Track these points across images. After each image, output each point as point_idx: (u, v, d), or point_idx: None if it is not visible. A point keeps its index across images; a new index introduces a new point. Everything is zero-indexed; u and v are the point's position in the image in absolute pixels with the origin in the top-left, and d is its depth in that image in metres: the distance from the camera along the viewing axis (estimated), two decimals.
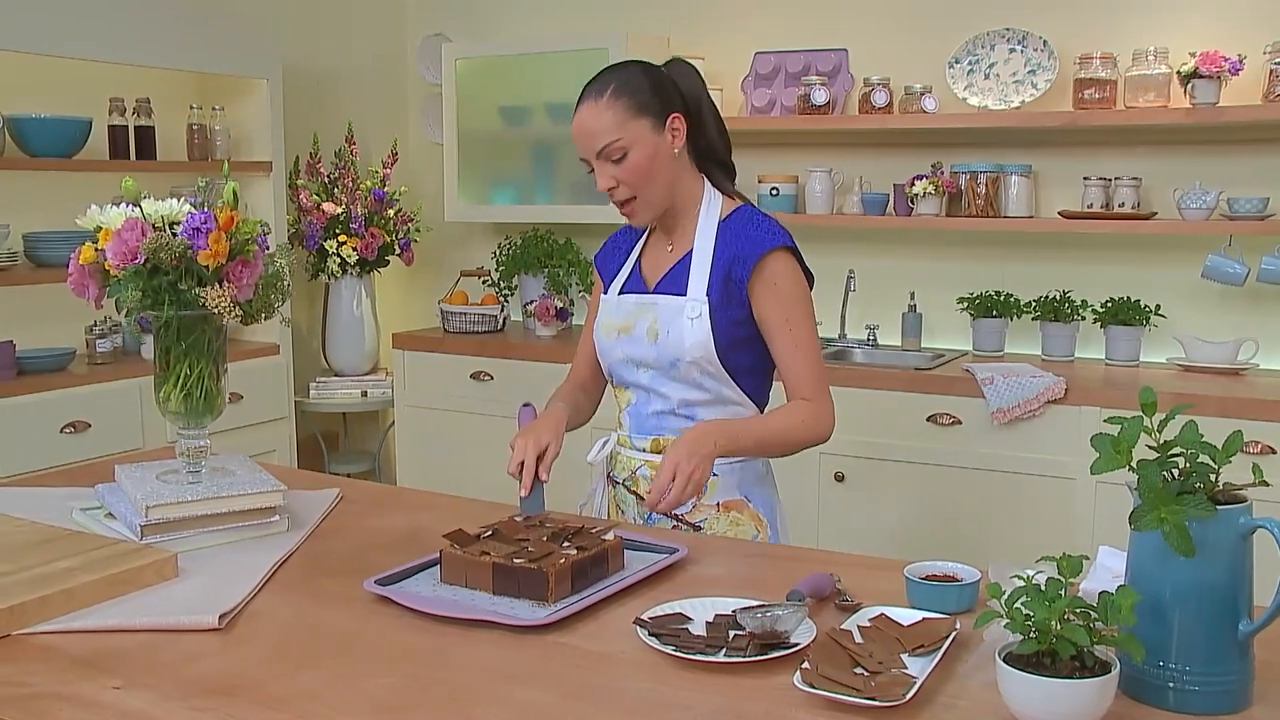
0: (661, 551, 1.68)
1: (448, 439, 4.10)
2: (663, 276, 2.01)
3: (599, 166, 1.93)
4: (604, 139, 1.90)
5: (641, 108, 1.90)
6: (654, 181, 1.93)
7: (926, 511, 3.32)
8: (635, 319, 2.00)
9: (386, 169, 4.33)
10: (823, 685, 1.21)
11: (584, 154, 1.95)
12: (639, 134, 1.90)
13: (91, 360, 3.56)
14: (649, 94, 1.91)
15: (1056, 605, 1.12)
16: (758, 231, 1.95)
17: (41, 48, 3.29)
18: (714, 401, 1.96)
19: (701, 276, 1.94)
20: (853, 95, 3.81)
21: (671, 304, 1.96)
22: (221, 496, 1.73)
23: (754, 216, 1.98)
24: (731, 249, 1.94)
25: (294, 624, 1.45)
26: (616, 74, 1.94)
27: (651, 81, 1.93)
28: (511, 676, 1.29)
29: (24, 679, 1.28)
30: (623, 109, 1.89)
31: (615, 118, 1.89)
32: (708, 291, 1.93)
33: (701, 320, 1.92)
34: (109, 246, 1.66)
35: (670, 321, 1.95)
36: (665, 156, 1.93)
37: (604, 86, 1.92)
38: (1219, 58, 3.17)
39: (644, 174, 1.91)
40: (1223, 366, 3.32)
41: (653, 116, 1.91)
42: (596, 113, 1.90)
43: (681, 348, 1.92)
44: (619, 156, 1.90)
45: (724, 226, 1.97)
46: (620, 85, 1.91)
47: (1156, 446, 1.21)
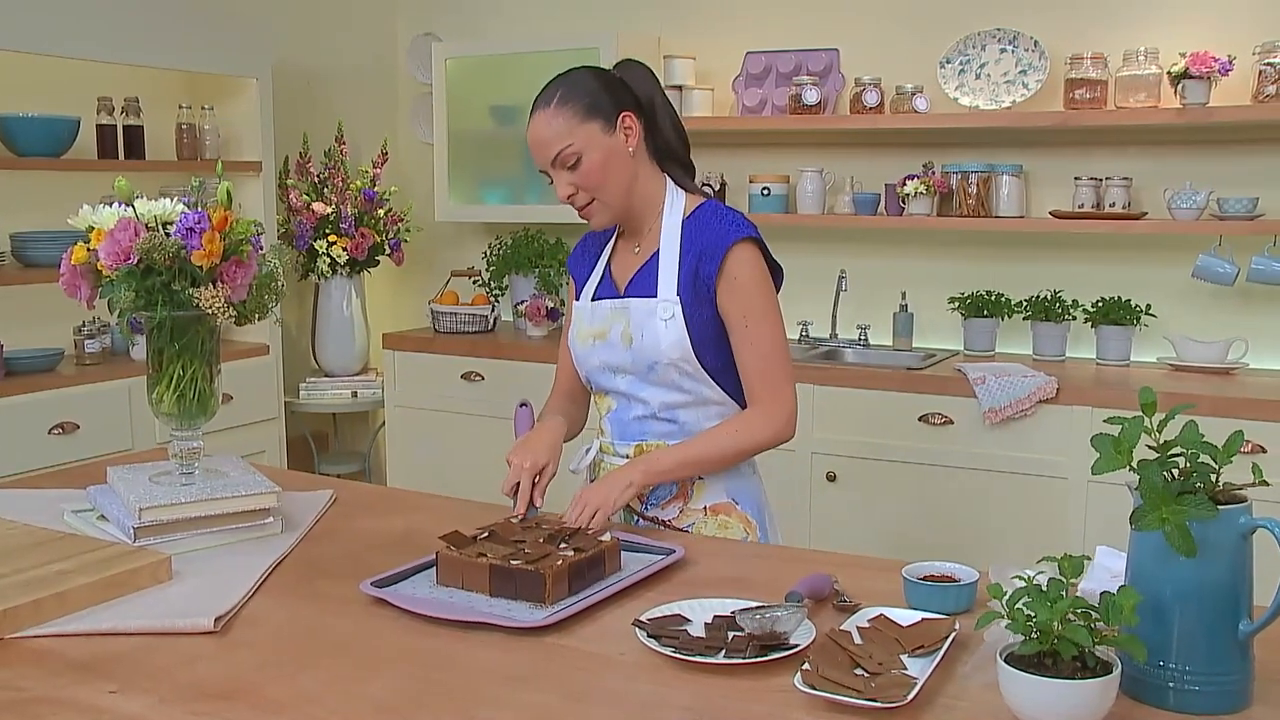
0: (658, 553, 1.68)
1: (438, 439, 4.09)
2: (631, 278, 1.99)
3: (556, 175, 1.91)
4: (556, 146, 1.87)
5: (590, 110, 1.87)
6: (610, 182, 1.90)
7: (918, 511, 3.33)
8: (609, 324, 1.97)
9: (377, 169, 4.32)
10: (823, 686, 1.21)
11: (541, 165, 1.93)
12: (590, 137, 1.87)
13: (80, 361, 3.53)
14: (596, 95, 1.88)
15: (1059, 606, 1.12)
16: (721, 224, 1.92)
17: (29, 46, 3.26)
18: (695, 403, 1.93)
19: (670, 276, 1.92)
20: (844, 95, 3.81)
21: (643, 306, 1.93)
22: (215, 498, 1.72)
23: (717, 210, 1.96)
24: (697, 244, 1.92)
25: (291, 626, 1.44)
26: (562, 81, 1.91)
27: (599, 83, 1.91)
28: (512, 678, 1.28)
29: (18, 683, 1.27)
30: (571, 114, 1.87)
31: (564, 123, 1.86)
32: (678, 291, 1.91)
33: (675, 321, 1.89)
34: (102, 246, 1.65)
35: (644, 324, 1.92)
36: (620, 157, 1.90)
37: (551, 95, 1.89)
38: (1209, 58, 3.18)
39: (599, 176, 1.89)
40: (1213, 366, 3.33)
41: (602, 118, 1.88)
42: (546, 121, 1.88)
43: (658, 350, 1.90)
44: (573, 162, 1.87)
45: (688, 223, 1.95)
46: (567, 91, 1.88)
47: (1156, 446, 1.21)
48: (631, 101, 1.92)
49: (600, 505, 1.78)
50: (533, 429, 1.98)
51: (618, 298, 1.99)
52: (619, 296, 1.99)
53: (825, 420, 3.40)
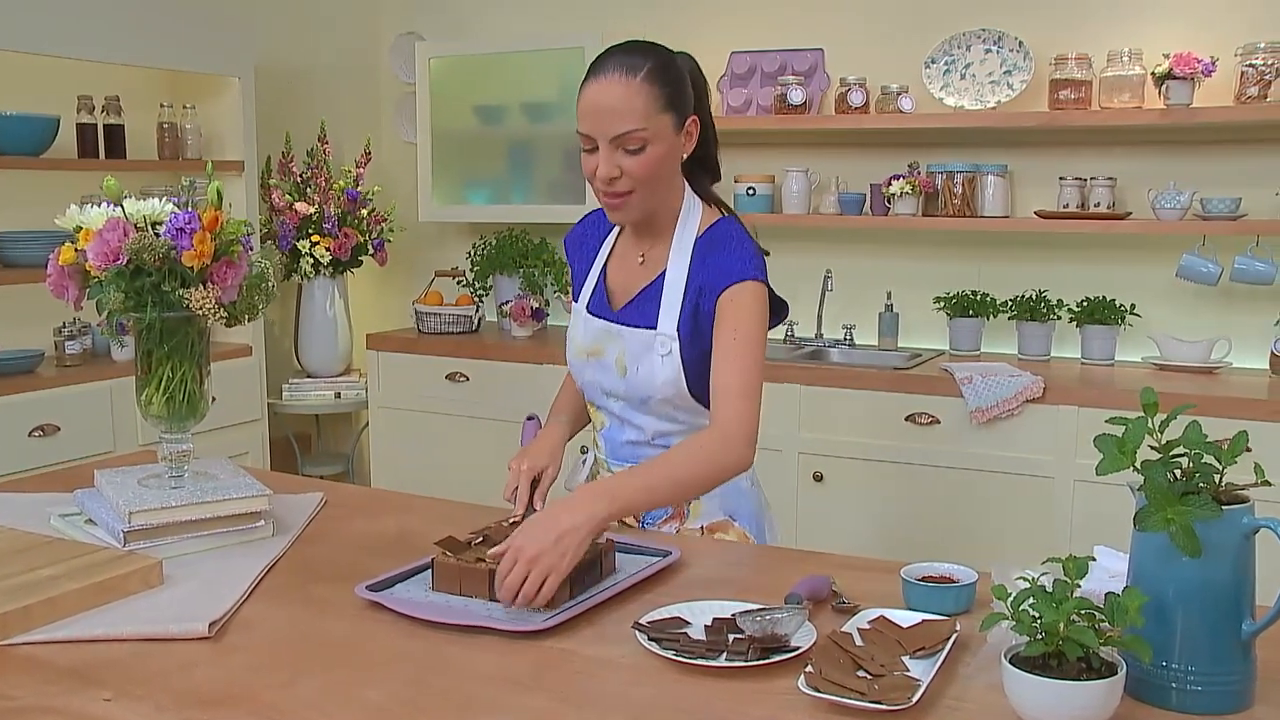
0: (654, 554, 1.67)
1: (423, 440, 4.07)
2: (631, 299, 1.88)
3: (606, 151, 1.73)
4: (628, 124, 1.71)
5: (671, 102, 1.74)
6: (659, 182, 1.78)
7: (905, 511, 3.33)
8: (603, 344, 1.88)
9: (360, 168, 4.29)
10: (827, 689, 1.20)
11: (592, 131, 1.73)
12: (662, 129, 1.73)
13: (61, 362, 3.50)
14: (681, 87, 1.76)
15: (1064, 607, 1.11)
16: (729, 261, 1.79)
17: (8, 44, 3.22)
18: (689, 430, 1.85)
19: (672, 311, 1.81)
20: (829, 95, 3.81)
21: (639, 337, 1.83)
22: (206, 502, 1.70)
23: (729, 238, 1.82)
24: (701, 277, 1.80)
25: (285, 631, 1.43)
26: (650, 55, 1.75)
27: (684, 75, 1.78)
28: (511, 683, 1.27)
29: (9, 692, 1.25)
30: (656, 96, 1.72)
31: (646, 104, 1.71)
32: (677, 327, 1.80)
33: (671, 357, 1.80)
34: (90, 247, 1.63)
35: (639, 356, 1.83)
36: (675, 159, 1.79)
37: (638, 65, 1.72)
38: (1193, 59, 3.20)
39: (654, 172, 1.75)
40: (1197, 365, 3.35)
41: (677, 114, 1.76)
42: (628, 93, 1.70)
43: (652, 385, 1.82)
44: (636, 147, 1.72)
45: (701, 244, 1.83)
46: (657, 69, 1.73)
47: (1158, 447, 1.20)
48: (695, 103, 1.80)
49: (550, 570, 1.44)
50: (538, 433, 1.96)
51: (613, 321, 1.88)
52: (614, 318, 1.88)
53: (812, 420, 3.40)
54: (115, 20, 3.49)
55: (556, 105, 4.05)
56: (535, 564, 1.44)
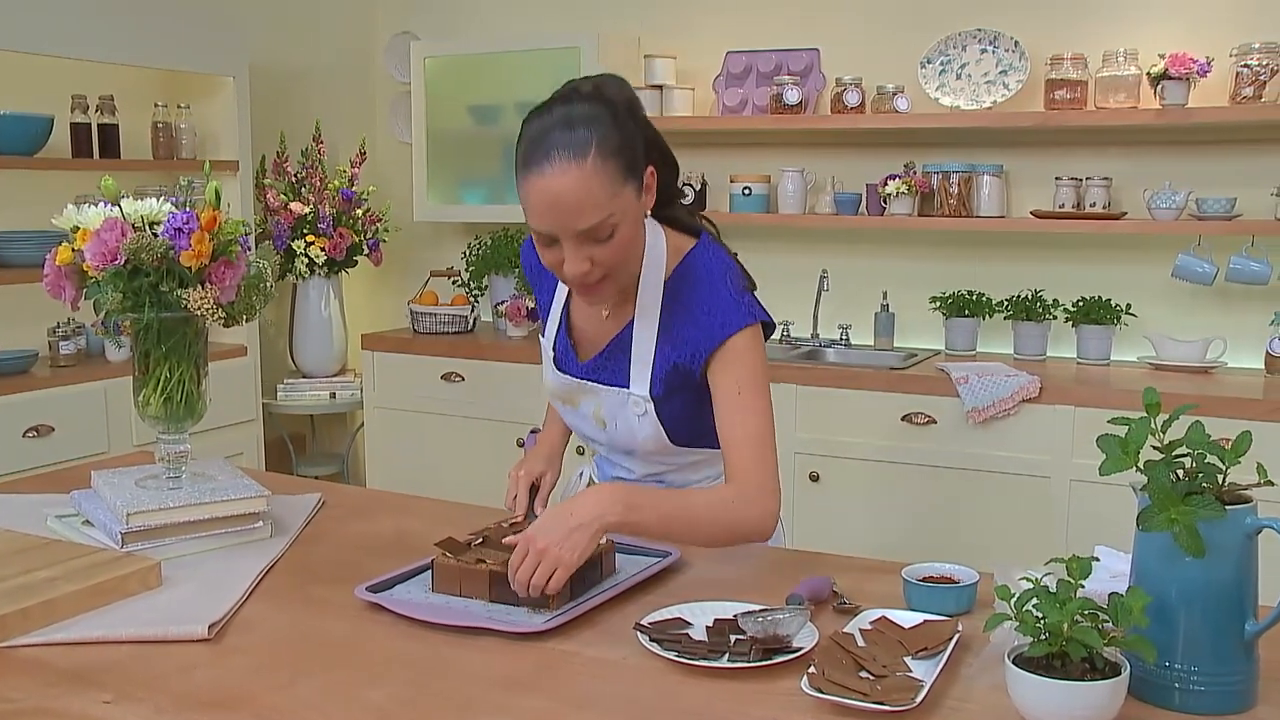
0: (653, 555, 1.67)
1: (418, 441, 4.06)
2: (600, 351, 1.74)
3: (573, 247, 1.52)
4: (592, 217, 1.49)
5: (628, 169, 1.53)
6: (633, 255, 1.60)
7: (902, 511, 3.33)
8: (577, 396, 1.78)
9: (355, 168, 4.28)
10: (831, 690, 1.20)
11: (551, 230, 1.51)
12: (627, 204, 1.53)
13: (54, 363, 3.48)
14: (630, 145, 1.54)
15: (1069, 607, 1.11)
16: (711, 317, 1.63)
17: (1, 43, 3.21)
18: (682, 468, 1.79)
19: (644, 371, 1.67)
20: (824, 95, 3.81)
21: (613, 396, 1.72)
22: (204, 503, 1.69)
23: (705, 283, 1.65)
24: (681, 333, 1.65)
25: (285, 633, 1.42)
26: (591, 122, 1.50)
27: (626, 129, 1.54)
28: (514, 685, 1.27)
29: (8, 694, 1.24)
30: (612, 175, 1.50)
31: (605, 188, 1.49)
32: (650, 390, 1.68)
33: (648, 417, 1.70)
34: (88, 247, 1.62)
35: (615, 413, 1.73)
36: (642, 222, 1.60)
37: (583, 141, 1.48)
38: (1188, 59, 3.21)
39: (628, 250, 1.56)
40: (1192, 365, 3.35)
41: (635, 178, 1.54)
42: (583, 182, 1.47)
43: (633, 440, 1.73)
44: (606, 235, 1.52)
45: (671, 290, 1.66)
46: (604, 139, 1.49)
47: (1161, 447, 1.20)
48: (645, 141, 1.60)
49: (559, 563, 1.42)
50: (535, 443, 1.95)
51: (582, 378, 1.76)
52: (583, 374, 1.76)
53: (808, 420, 3.40)
54: (109, 20, 3.47)
55: None
56: (544, 555, 1.42)
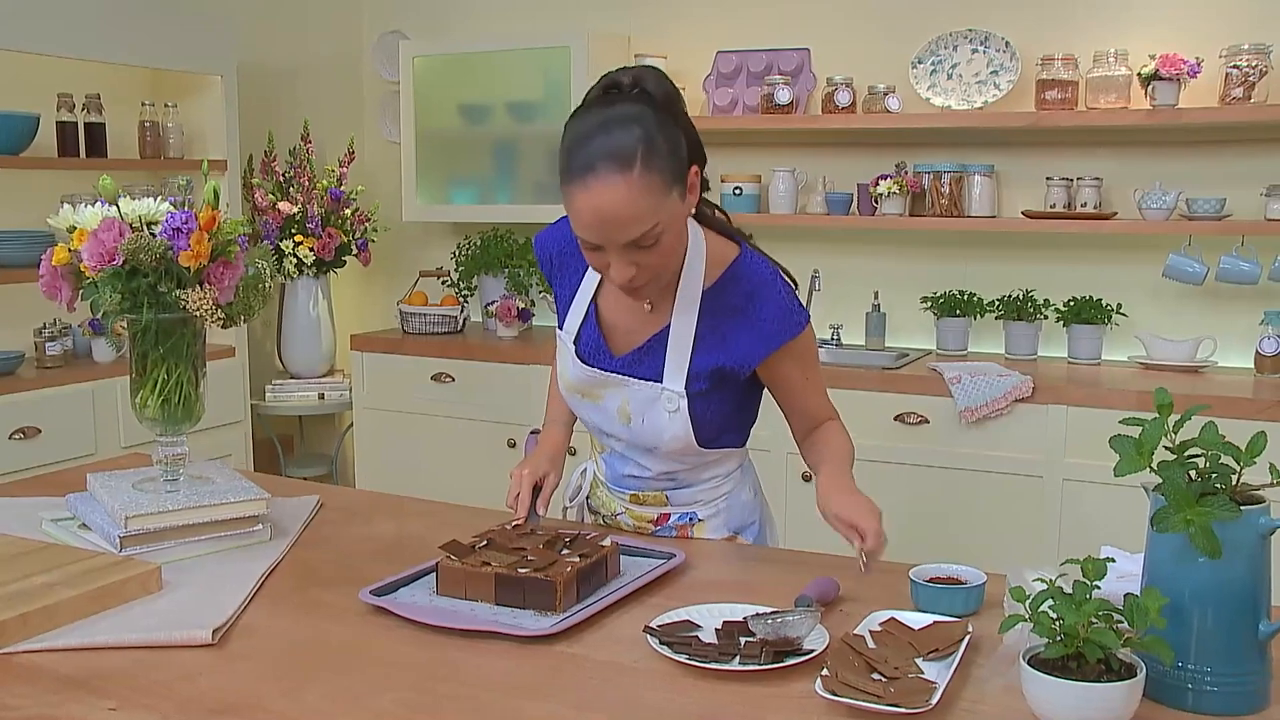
0: (657, 557, 1.66)
1: (408, 441, 4.04)
2: (637, 347, 1.72)
3: (618, 255, 1.52)
4: (639, 228, 1.48)
5: (673, 175, 1.50)
6: (678, 257, 1.60)
7: (895, 510, 3.28)
8: (601, 390, 1.75)
9: (343, 168, 4.25)
10: (844, 693, 1.19)
11: (598, 241, 1.50)
12: (673, 211, 1.52)
13: (41, 364, 3.45)
14: (677, 150, 1.52)
15: (1085, 608, 1.11)
16: (770, 323, 1.65)
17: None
18: (696, 467, 1.79)
19: (680, 366, 1.66)
20: (815, 95, 3.81)
21: (644, 390, 1.70)
22: (203, 505, 1.68)
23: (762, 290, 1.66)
24: (734, 339, 1.66)
25: (289, 638, 1.40)
26: (635, 124, 1.48)
27: (669, 131, 1.52)
28: (523, 688, 1.25)
29: (10, 701, 1.22)
30: (659, 184, 1.48)
31: (652, 199, 1.47)
32: (687, 385, 1.67)
33: (680, 414, 1.68)
34: (85, 247, 1.60)
35: (645, 409, 1.70)
36: (685, 221, 1.60)
37: (629, 150, 1.46)
38: (1178, 60, 3.22)
39: (673, 256, 1.57)
40: (1182, 364, 3.36)
41: (681, 182, 1.53)
42: (630, 195, 1.45)
43: (659, 438, 1.71)
44: (651, 243, 1.51)
45: (719, 296, 1.66)
46: (649, 146, 1.47)
47: (1173, 447, 1.20)
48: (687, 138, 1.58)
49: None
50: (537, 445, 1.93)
51: (613, 371, 1.73)
52: (615, 368, 1.73)
53: None
54: (96, 17, 3.44)
55: (541, 104, 4.02)
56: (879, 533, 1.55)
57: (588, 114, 1.53)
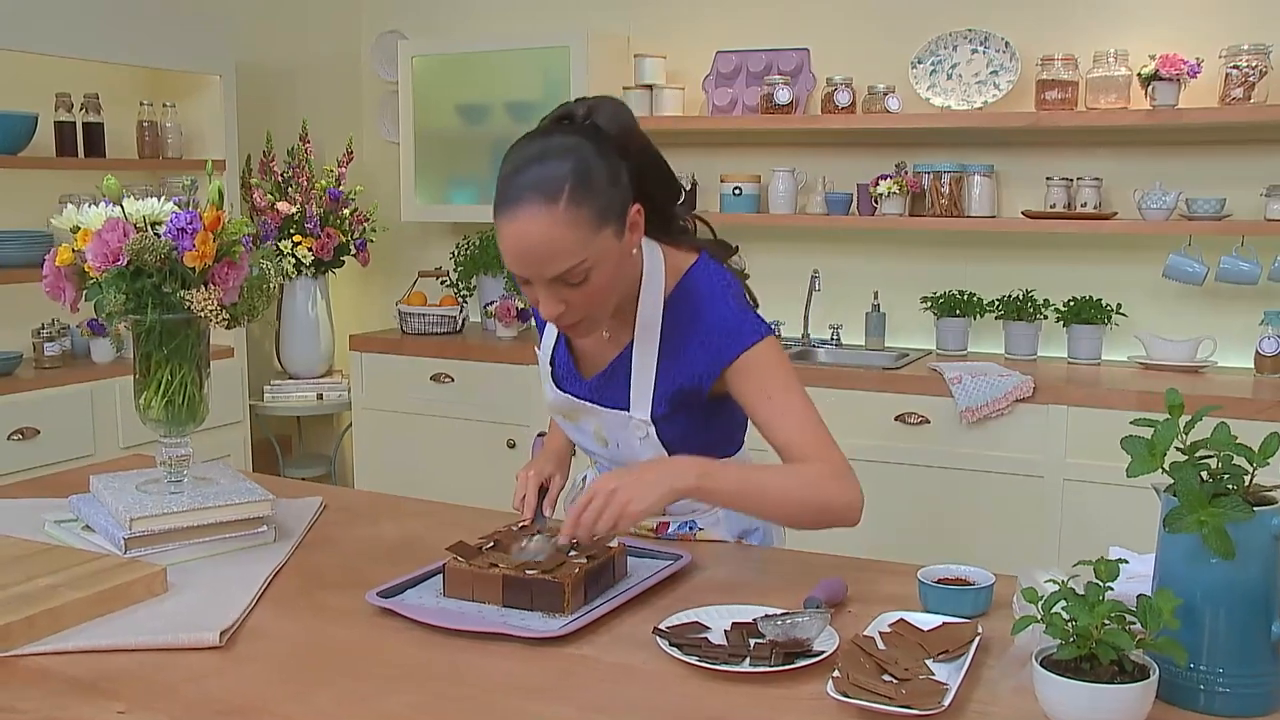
0: (663, 558, 1.65)
1: (407, 442, 4.03)
2: (603, 370, 1.70)
3: (545, 291, 1.48)
4: (564, 263, 1.44)
5: (606, 211, 1.46)
6: (612, 295, 1.54)
7: (895, 511, 3.32)
8: (577, 414, 1.74)
9: (342, 168, 4.24)
10: (857, 694, 1.19)
11: (523, 273, 1.47)
12: (605, 248, 1.46)
13: (39, 364, 3.44)
14: (611, 186, 1.47)
15: (1098, 610, 1.11)
16: (718, 334, 1.59)
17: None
18: None
19: (644, 394, 1.63)
20: (815, 95, 3.81)
21: (615, 418, 1.68)
22: (208, 507, 1.67)
23: (707, 301, 1.60)
24: (686, 355, 1.61)
25: (297, 640, 1.40)
26: (567, 156, 1.44)
27: (608, 164, 1.47)
28: (533, 691, 1.25)
29: (17, 705, 1.21)
30: (587, 219, 1.43)
31: (577, 234, 1.43)
32: (652, 412, 1.64)
33: (650, 440, 1.66)
34: (89, 248, 1.59)
35: (617, 433, 1.69)
36: (625, 260, 1.53)
37: (556, 183, 1.42)
38: (1178, 61, 3.22)
39: (605, 294, 1.51)
40: (1182, 364, 3.37)
41: (616, 220, 1.48)
42: (552, 228, 1.41)
43: (635, 459, 1.68)
44: (579, 280, 1.47)
45: (671, 311, 1.62)
46: (579, 182, 1.43)
47: (1184, 448, 1.20)
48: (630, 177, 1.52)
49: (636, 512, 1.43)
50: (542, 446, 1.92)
51: (583, 399, 1.72)
52: (584, 394, 1.72)
53: None
54: (94, 17, 3.43)
55: (540, 104, 4.00)
56: (613, 498, 1.42)
57: (528, 143, 1.50)
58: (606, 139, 1.50)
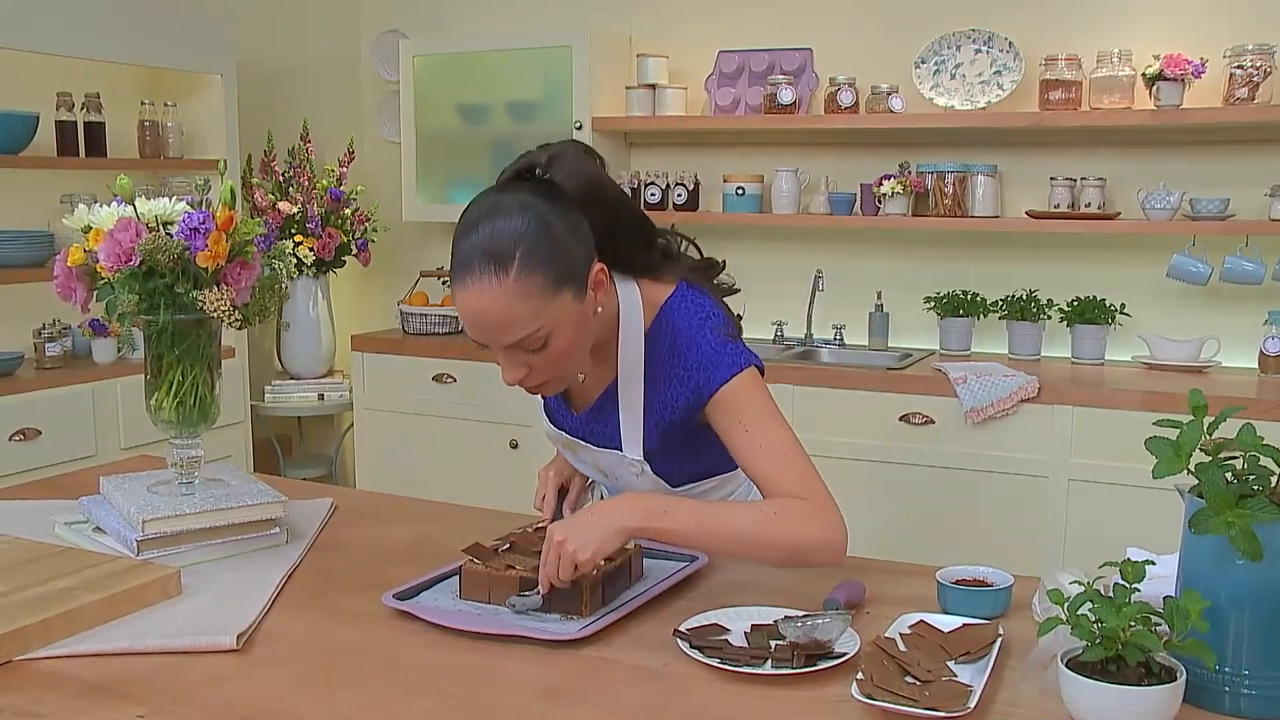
0: (680, 559, 1.65)
1: (409, 442, 4.02)
2: (592, 404, 1.68)
3: (505, 357, 1.46)
4: (518, 332, 1.41)
5: (562, 277, 1.41)
6: (577, 357, 1.52)
7: (900, 511, 3.33)
8: (574, 448, 1.73)
9: (343, 167, 4.23)
10: (882, 696, 1.18)
11: (479, 340, 1.45)
12: (562, 312, 1.43)
13: (40, 365, 3.42)
14: (567, 250, 1.42)
15: (1126, 611, 1.10)
16: (696, 369, 1.55)
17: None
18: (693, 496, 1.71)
19: (635, 434, 1.62)
20: (818, 95, 3.80)
21: (609, 456, 1.67)
22: (220, 509, 1.66)
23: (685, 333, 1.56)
24: (668, 392, 1.58)
25: (314, 643, 1.39)
26: (515, 223, 1.39)
27: (564, 225, 1.42)
28: (557, 694, 1.24)
29: (35, 709, 1.20)
30: (539, 288, 1.39)
31: (530, 304, 1.39)
32: (645, 449, 1.62)
33: (646, 475, 1.65)
34: (101, 248, 1.58)
35: (613, 469, 1.68)
36: (588, 320, 1.49)
37: (505, 255, 1.37)
38: (1183, 61, 3.22)
39: (568, 356, 1.48)
40: (1186, 364, 3.37)
41: (574, 283, 1.43)
42: (504, 299, 1.38)
43: (634, 490, 1.67)
44: (538, 346, 1.44)
45: (650, 346, 1.58)
46: (530, 250, 1.38)
47: (1209, 449, 1.20)
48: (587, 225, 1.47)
49: (582, 561, 1.38)
50: None
51: (576, 437, 1.71)
52: (576, 431, 1.70)
53: (803, 421, 3.37)
54: (95, 16, 3.41)
55: (541, 104, 4.01)
56: (562, 550, 1.39)
57: (482, 200, 1.46)
58: (564, 196, 1.46)
